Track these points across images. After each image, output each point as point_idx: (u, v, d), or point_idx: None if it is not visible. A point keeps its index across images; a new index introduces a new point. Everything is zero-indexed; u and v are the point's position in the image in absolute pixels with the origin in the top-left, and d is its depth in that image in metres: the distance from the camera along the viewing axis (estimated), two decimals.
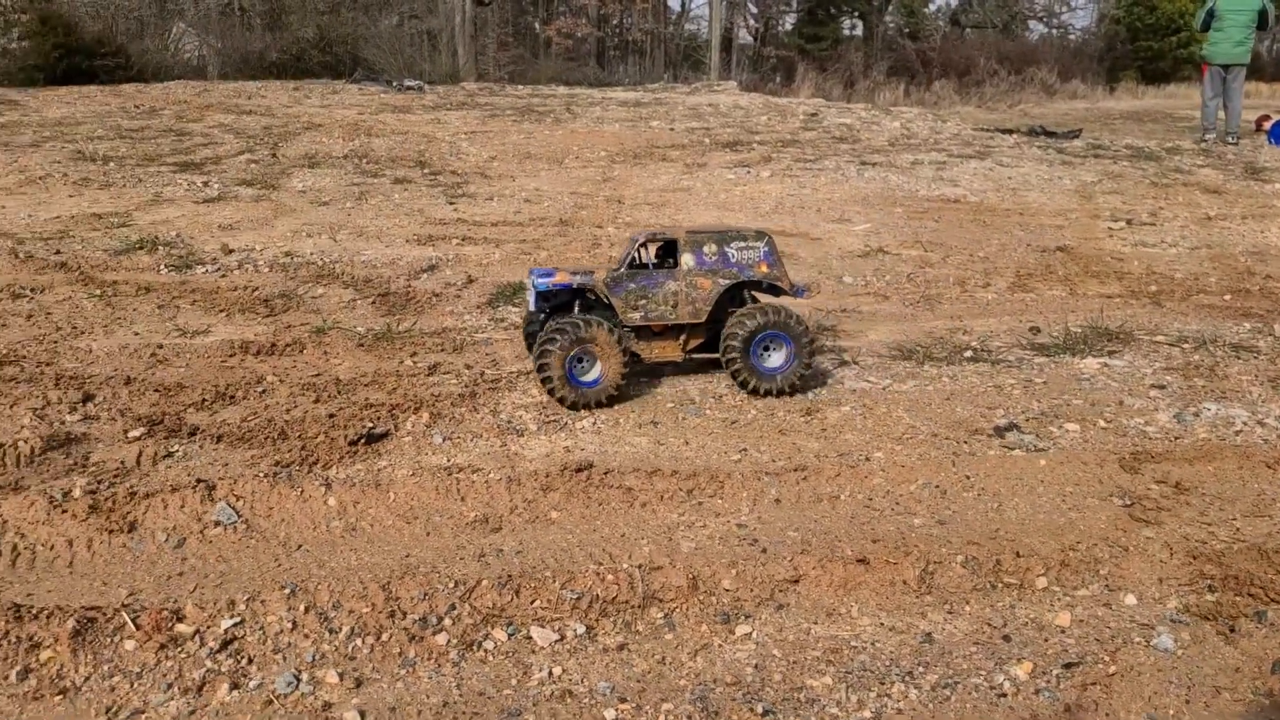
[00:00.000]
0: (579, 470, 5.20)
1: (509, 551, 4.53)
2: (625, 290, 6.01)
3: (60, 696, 3.48)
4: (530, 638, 3.81)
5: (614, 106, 23.51)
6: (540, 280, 6.11)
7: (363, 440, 5.75)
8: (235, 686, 3.52)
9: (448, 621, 3.86)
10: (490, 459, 5.48)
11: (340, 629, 3.82)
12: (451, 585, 4.03)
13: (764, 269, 6.12)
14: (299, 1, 39.76)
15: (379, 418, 6.07)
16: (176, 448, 5.64)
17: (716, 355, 6.16)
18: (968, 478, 5.12)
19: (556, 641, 3.79)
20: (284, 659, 3.68)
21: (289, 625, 3.83)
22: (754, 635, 3.81)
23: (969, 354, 7.26)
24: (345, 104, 22.91)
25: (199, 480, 5.03)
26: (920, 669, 3.56)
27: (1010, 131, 21.54)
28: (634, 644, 3.78)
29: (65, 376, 6.66)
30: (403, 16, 42.61)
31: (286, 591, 3.99)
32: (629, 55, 46.59)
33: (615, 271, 6.08)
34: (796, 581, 4.10)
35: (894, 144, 18.14)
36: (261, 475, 5.15)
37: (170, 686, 3.53)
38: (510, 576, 4.08)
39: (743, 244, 6.05)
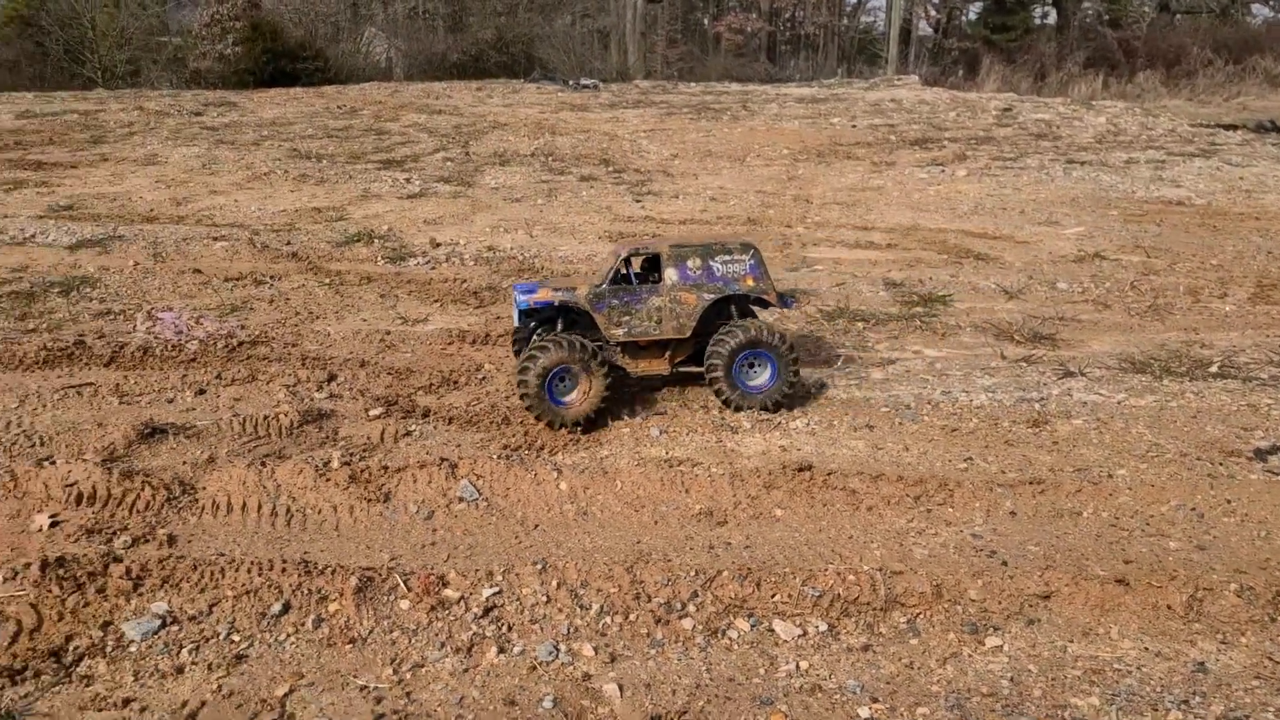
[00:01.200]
0: (800, 470, 5.29)
1: (737, 545, 4.68)
2: (608, 306, 5.96)
3: (350, 645, 3.91)
4: (773, 630, 3.94)
5: (791, 103, 23.38)
6: (522, 297, 6.16)
7: (580, 429, 6.08)
8: (502, 650, 3.84)
9: (691, 608, 4.05)
10: (707, 454, 5.66)
11: (590, 606, 4.08)
12: (692, 574, 4.22)
13: (750, 282, 5.99)
14: (479, 4, 41.90)
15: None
16: (414, 427, 6.15)
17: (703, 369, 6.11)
18: (1228, 502, 4.83)
19: (799, 636, 3.90)
20: (541, 629, 3.98)
21: (543, 599, 4.13)
22: (1005, 648, 3.78)
23: (1213, 369, 6.80)
24: (526, 103, 23.96)
25: (442, 459, 5.48)
26: (1197, 699, 3.43)
27: (1235, 127, 19.82)
28: (879, 646, 3.84)
29: (310, 357, 7.40)
30: (575, 16, 44.02)
31: (538, 567, 4.30)
32: (800, 50, 46.04)
33: (598, 287, 5.99)
34: (1047, 597, 4.02)
35: (1101, 141, 17.10)
36: (495, 457, 5.55)
37: (444, 645, 3.90)
38: (750, 570, 4.22)
39: (728, 257, 5.97)
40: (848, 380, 6.75)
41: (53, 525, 4.97)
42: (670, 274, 5.95)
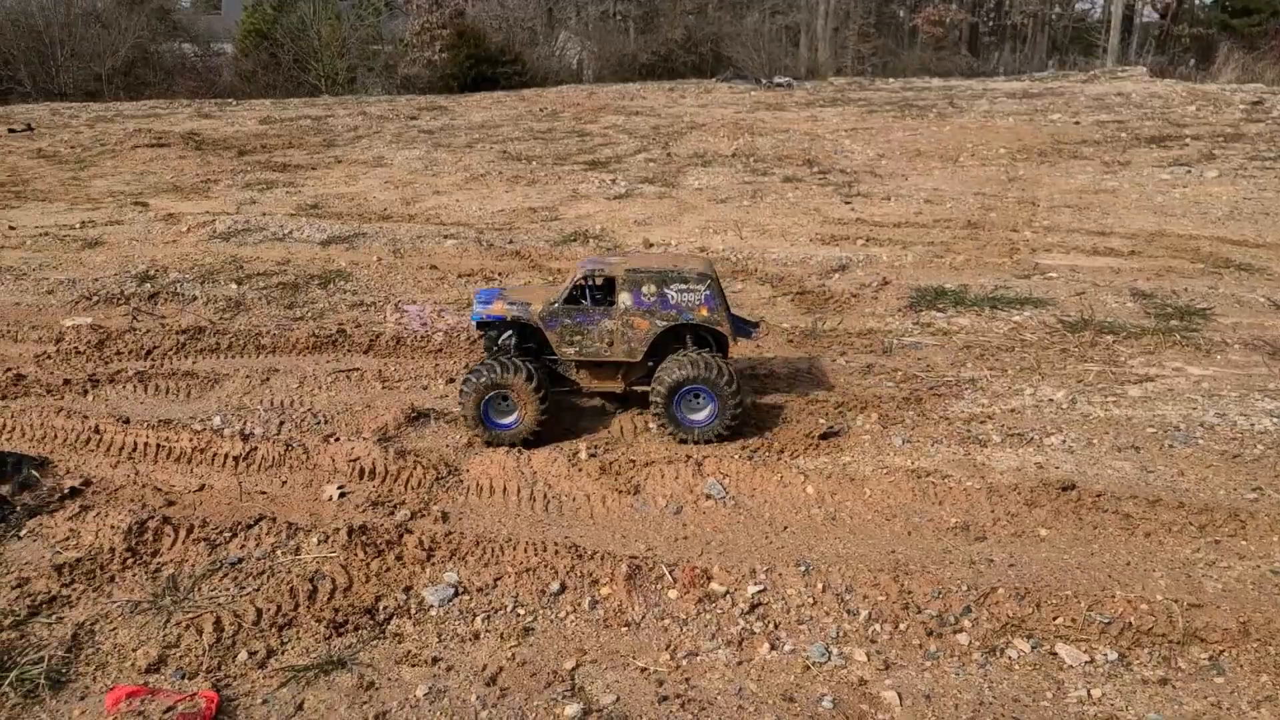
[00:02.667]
0: (1064, 489, 5.11)
1: (1000, 563, 4.59)
2: (560, 325, 6.04)
3: (626, 629, 4.17)
4: (1056, 654, 3.85)
5: (1001, 98, 22.33)
6: (479, 308, 6.24)
7: (819, 435, 6.14)
8: (773, 648, 3.97)
9: (966, 623, 4.02)
10: (955, 466, 5.56)
11: (858, 612, 4.14)
12: (964, 588, 4.19)
13: (704, 313, 5.92)
14: (669, 4, 42.69)
15: (827, 413, 6.42)
16: (652, 424, 6.40)
17: None
18: None
19: (1086, 663, 3.79)
20: (808, 630, 4.08)
21: (809, 600, 4.23)
22: None
23: None
24: (720, 102, 24.19)
25: (688, 456, 5.69)
26: None
27: None
28: (1178, 681, 3.67)
29: None
30: (764, 13, 43.95)
31: (801, 569, 4.40)
32: (1005, 41, 43.71)
33: (551, 305, 6.06)
34: None
35: None
36: (739, 457, 5.71)
37: (714, 636, 4.08)
38: (1027, 590, 4.14)
39: (683, 286, 5.88)
40: (1103, 397, 6.43)
41: (341, 495, 5.57)
42: (624, 298, 5.95)
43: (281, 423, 6.43)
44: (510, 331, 6.26)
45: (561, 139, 19.32)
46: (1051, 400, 6.42)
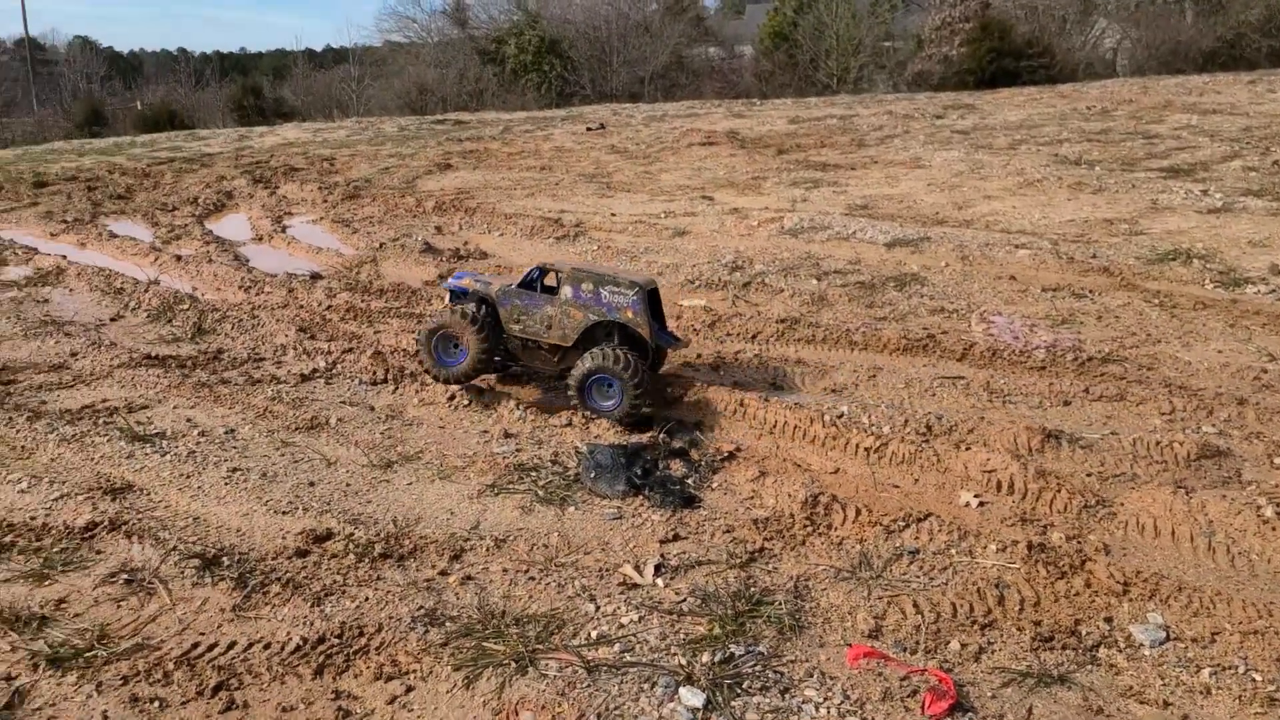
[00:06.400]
0: None
1: None
2: (511, 304, 7.25)
3: None
4: None
5: None
6: (451, 282, 7.69)
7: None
8: None
9: None
10: None
11: None
12: None
13: (629, 315, 6.86)
14: None
15: None
16: None
17: None
18: None
19: None
20: None
21: None
22: None
23: None
24: None
25: None
26: None
27: None
28: None
29: (1174, 385, 7.28)
30: None
31: None
32: None
33: (506, 287, 7.30)
34: None
35: None
36: None
37: None
38: None
39: (615, 288, 6.87)
40: None
41: (979, 504, 5.72)
42: (565, 290, 7.05)
43: (905, 421, 6.80)
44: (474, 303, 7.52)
45: (1122, 141, 17.85)
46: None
